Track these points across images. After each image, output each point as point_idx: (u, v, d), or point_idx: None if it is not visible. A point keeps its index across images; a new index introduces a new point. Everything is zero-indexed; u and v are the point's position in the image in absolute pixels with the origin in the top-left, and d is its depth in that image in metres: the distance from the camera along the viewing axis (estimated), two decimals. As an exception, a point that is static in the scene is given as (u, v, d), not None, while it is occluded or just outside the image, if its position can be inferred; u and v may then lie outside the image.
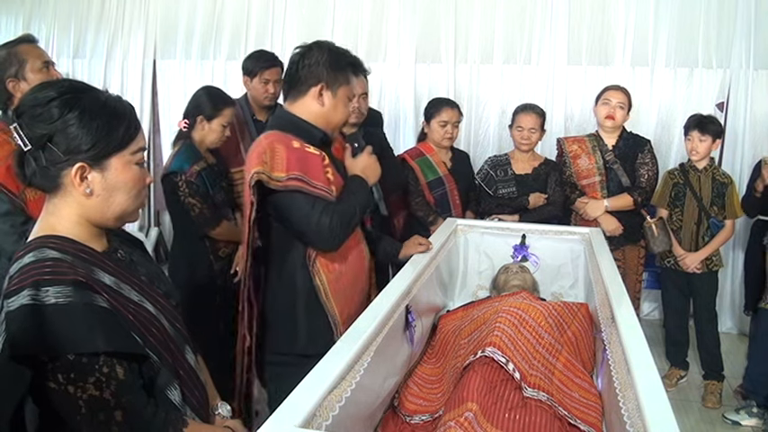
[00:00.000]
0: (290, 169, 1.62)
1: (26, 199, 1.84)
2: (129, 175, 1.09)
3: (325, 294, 1.71)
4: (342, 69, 1.75)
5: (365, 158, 1.84)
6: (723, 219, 2.98)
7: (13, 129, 1.03)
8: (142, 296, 1.11)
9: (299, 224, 1.66)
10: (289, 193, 1.63)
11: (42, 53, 1.97)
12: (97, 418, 0.97)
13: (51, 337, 0.95)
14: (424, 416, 1.68)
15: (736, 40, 3.82)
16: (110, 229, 1.15)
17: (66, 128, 1.03)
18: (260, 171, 1.59)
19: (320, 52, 1.73)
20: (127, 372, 1.00)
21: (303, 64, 1.72)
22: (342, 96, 1.77)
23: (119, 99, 1.11)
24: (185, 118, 2.48)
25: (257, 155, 1.63)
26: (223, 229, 2.46)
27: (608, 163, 3.01)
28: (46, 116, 1.02)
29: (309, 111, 1.75)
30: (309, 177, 1.65)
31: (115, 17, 4.70)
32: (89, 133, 1.04)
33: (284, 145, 1.66)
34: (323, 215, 1.63)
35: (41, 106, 1.02)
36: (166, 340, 1.11)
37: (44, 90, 1.05)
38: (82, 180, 1.05)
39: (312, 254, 1.70)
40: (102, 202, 1.08)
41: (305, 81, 1.73)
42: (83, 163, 1.04)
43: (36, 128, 1.02)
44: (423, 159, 3.00)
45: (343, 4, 4.32)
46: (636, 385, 1.16)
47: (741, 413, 2.83)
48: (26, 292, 0.96)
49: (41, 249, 1.02)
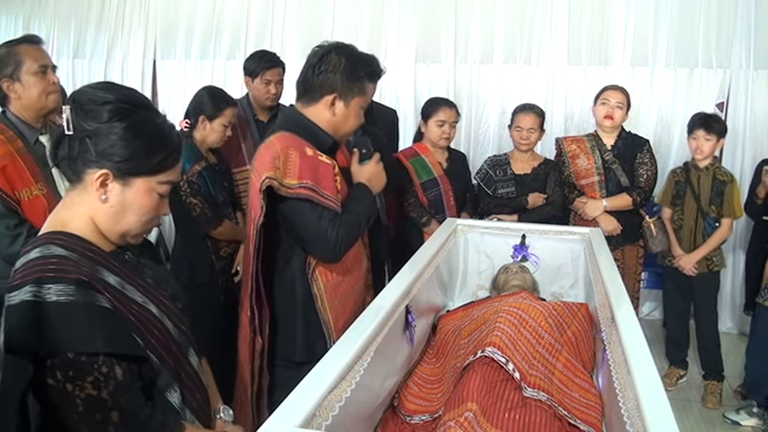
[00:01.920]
0: (302, 177, 1.60)
1: (21, 200, 1.84)
2: (148, 201, 1.10)
3: (321, 302, 1.70)
4: (358, 79, 1.70)
5: (373, 167, 1.79)
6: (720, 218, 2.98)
7: (65, 108, 1.04)
8: (146, 298, 1.11)
9: (305, 233, 1.64)
10: (297, 201, 1.61)
11: (41, 56, 1.94)
12: (94, 418, 0.97)
13: (50, 335, 0.95)
14: (424, 416, 1.68)
15: (736, 40, 3.83)
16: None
17: (110, 133, 1.04)
18: (272, 177, 1.56)
19: (338, 58, 1.68)
20: (126, 373, 1.00)
21: (320, 69, 1.68)
22: (354, 107, 1.73)
23: (171, 127, 1.13)
24: (186, 118, 2.48)
25: (270, 159, 1.59)
26: (224, 228, 2.46)
27: (607, 163, 3.01)
28: (96, 115, 1.04)
29: (321, 117, 1.72)
30: (320, 187, 1.63)
31: (115, 17, 4.70)
32: (127, 147, 1.05)
33: (298, 151, 1.63)
34: (329, 227, 1.61)
35: (95, 104, 1.04)
36: (169, 342, 1.11)
37: (104, 91, 1.06)
38: (102, 185, 1.06)
39: (312, 262, 1.68)
40: (114, 215, 1.09)
41: (319, 88, 1.69)
42: (108, 171, 1.05)
43: (82, 120, 1.04)
44: (417, 159, 2.98)
45: (343, 4, 4.32)
46: (636, 385, 1.16)
47: (741, 413, 2.83)
48: (28, 288, 0.96)
49: (48, 246, 1.03)
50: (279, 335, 1.74)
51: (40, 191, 1.87)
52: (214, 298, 2.47)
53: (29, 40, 1.97)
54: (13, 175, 1.83)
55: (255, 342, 1.69)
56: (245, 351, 1.72)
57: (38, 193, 1.86)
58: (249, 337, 1.70)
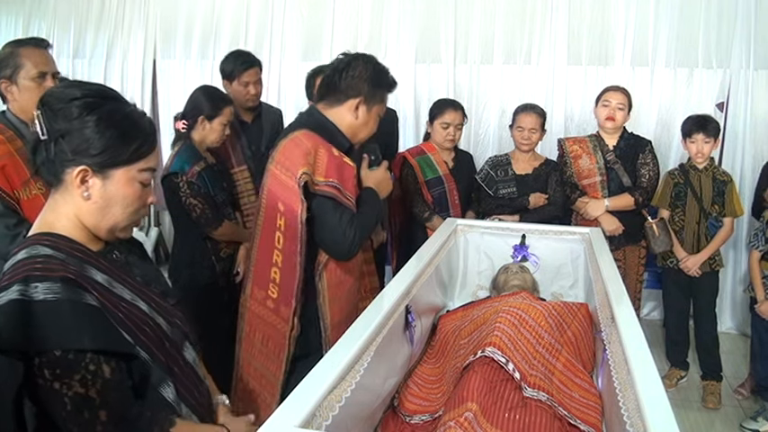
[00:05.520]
0: (328, 176, 1.66)
1: (20, 200, 1.84)
2: (130, 191, 1.10)
3: (323, 298, 1.73)
4: (381, 87, 1.79)
5: (381, 173, 1.87)
6: (723, 217, 2.98)
7: (35, 115, 1.05)
8: (135, 295, 1.11)
9: (324, 230, 1.68)
10: (322, 199, 1.65)
11: (43, 62, 1.90)
12: (82, 416, 0.97)
13: (37, 333, 0.95)
14: (424, 416, 1.68)
15: (736, 40, 3.82)
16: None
17: (82, 129, 1.04)
18: (307, 172, 1.62)
19: (365, 67, 1.76)
20: (114, 371, 1.00)
21: (347, 74, 1.75)
22: (374, 113, 1.81)
23: (142, 115, 1.12)
24: (184, 119, 2.47)
25: (303, 154, 1.64)
26: (225, 229, 2.45)
27: (609, 163, 3.01)
28: (66, 113, 1.04)
29: (342, 120, 1.78)
30: (344, 187, 1.68)
31: (115, 17, 4.70)
32: (101, 140, 1.05)
33: (327, 150, 1.69)
34: (348, 227, 1.66)
35: (63, 102, 1.04)
36: (161, 338, 1.11)
37: (71, 88, 1.07)
38: (82, 183, 1.06)
39: (323, 260, 1.72)
40: (98, 210, 1.09)
41: (345, 91, 1.75)
42: (86, 167, 1.05)
43: (53, 121, 1.04)
44: (423, 158, 3.00)
45: (343, 4, 4.32)
46: (636, 385, 1.16)
47: (759, 420, 2.78)
48: (15, 288, 0.96)
49: (35, 246, 1.03)
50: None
51: (40, 190, 1.86)
52: (215, 299, 2.46)
53: (35, 42, 1.95)
54: (13, 175, 1.83)
55: (293, 330, 1.72)
56: (269, 339, 1.74)
57: (37, 192, 1.86)
58: (278, 325, 1.72)
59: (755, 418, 2.80)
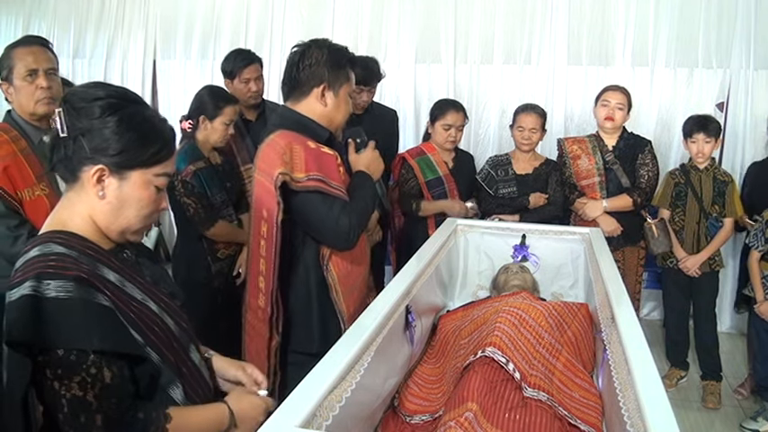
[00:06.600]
0: (309, 170, 1.64)
1: (23, 201, 1.84)
2: (145, 194, 1.10)
3: (336, 292, 1.73)
4: (342, 67, 1.75)
5: (369, 154, 1.84)
6: (723, 217, 2.98)
7: (57, 112, 1.06)
8: (145, 295, 1.12)
9: (318, 224, 1.67)
10: (308, 194, 1.64)
11: (33, 60, 1.89)
12: (78, 420, 0.97)
13: (47, 330, 0.95)
14: (425, 416, 1.68)
15: (736, 40, 3.82)
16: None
17: (102, 129, 1.05)
18: (284, 172, 1.60)
19: (320, 51, 1.72)
20: (115, 376, 0.99)
21: (303, 65, 1.72)
22: (343, 95, 1.77)
23: (163, 120, 1.14)
24: (189, 119, 2.48)
25: (277, 155, 1.62)
26: (218, 229, 2.44)
27: (608, 164, 3.01)
28: (88, 112, 1.05)
29: (313, 111, 1.75)
30: (327, 178, 1.66)
31: (115, 17, 4.70)
32: (120, 140, 1.06)
33: (301, 145, 1.66)
34: (341, 215, 1.64)
35: (86, 101, 1.05)
36: (170, 339, 1.11)
37: (94, 88, 1.08)
38: (98, 182, 1.07)
39: (327, 253, 1.71)
40: (112, 211, 1.09)
41: (306, 82, 1.73)
42: (104, 166, 1.06)
43: (75, 119, 1.05)
44: (423, 158, 3.00)
45: (343, 4, 4.32)
46: (636, 385, 1.16)
47: (759, 420, 2.77)
48: (28, 284, 0.97)
49: (47, 244, 1.03)
50: (294, 329, 1.76)
51: (43, 191, 1.87)
52: (211, 299, 2.46)
53: (26, 41, 1.96)
54: (16, 175, 1.83)
55: (272, 340, 1.71)
56: (261, 351, 1.73)
57: (40, 193, 1.86)
58: (266, 336, 1.71)
59: (755, 418, 2.80)
